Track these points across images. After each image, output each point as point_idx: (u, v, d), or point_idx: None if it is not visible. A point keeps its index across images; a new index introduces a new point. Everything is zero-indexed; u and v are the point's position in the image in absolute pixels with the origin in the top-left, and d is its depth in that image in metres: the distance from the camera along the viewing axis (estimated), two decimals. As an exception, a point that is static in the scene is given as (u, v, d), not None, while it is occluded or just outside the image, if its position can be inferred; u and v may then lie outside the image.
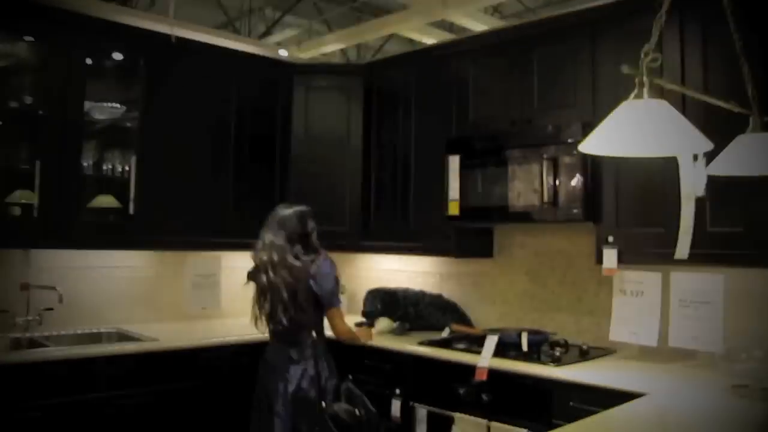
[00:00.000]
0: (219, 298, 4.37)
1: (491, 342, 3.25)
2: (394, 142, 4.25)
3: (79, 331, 3.82)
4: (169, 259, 4.26)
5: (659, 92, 1.84)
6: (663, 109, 1.74)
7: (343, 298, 3.84)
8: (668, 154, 1.72)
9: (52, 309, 3.68)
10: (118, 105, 3.92)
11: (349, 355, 3.74)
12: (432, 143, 4.01)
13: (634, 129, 1.75)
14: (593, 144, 1.83)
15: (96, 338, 3.86)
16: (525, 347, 3.23)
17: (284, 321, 3.21)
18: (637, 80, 1.79)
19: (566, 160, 3.27)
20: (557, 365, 3.04)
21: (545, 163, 3.32)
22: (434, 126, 4.02)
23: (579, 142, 3.26)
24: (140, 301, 4.16)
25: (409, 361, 3.58)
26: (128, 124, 3.94)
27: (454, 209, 3.74)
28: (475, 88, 3.82)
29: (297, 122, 4.47)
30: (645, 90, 1.77)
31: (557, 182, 3.29)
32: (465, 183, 3.71)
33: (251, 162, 4.29)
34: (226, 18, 4.90)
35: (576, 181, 3.23)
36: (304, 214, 3.37)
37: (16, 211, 3.63)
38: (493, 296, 4.10)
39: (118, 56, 3.97)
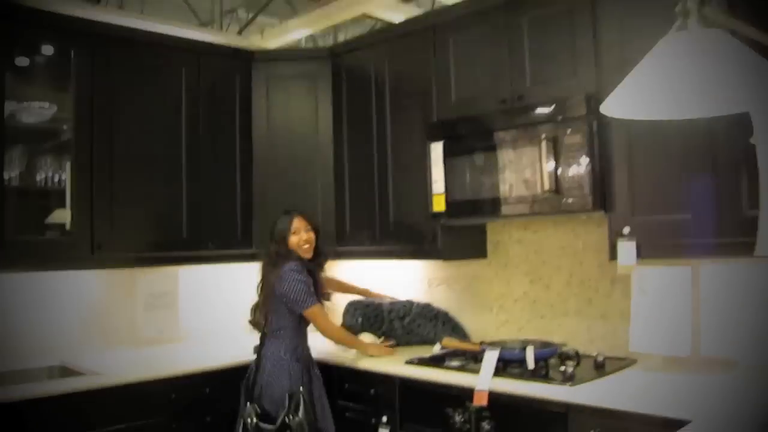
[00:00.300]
0: (177, 319, 3.85)
1: (491, 359, 2.74)
2: (368, 134, 3.74)
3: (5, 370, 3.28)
4: (120, 278, 3.73)
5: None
6: (723, 43, 1.23)
7: (329, 305, 3.38)
8: (738, 110, 1.23)
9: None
10: (46, 105, 3.38)
11: (327, 379, 3.24)
12: (411, 131, 3.51)
13: (681, 76, 1.24)
14: (620, 103, 1.32)
15: (35, 376, 3.32)
16: (531, 364, 2.72)
17: (262, 321, 3.20)
18: (679, 7, 1.28)
19: (568, 139, 2.77)
20: (571, 384, 2.53)
21: (544, 145, 2.81)
22: (413, 112, 3.51)
23: (582, 117, 2.84)
24: (88, 329, 3.62)
25: (396, 383, 3.07)
26: (63, 127, 3.40)
27: (439, 205, 3.24)
28: (456, 64, 3.31)
29: (258, 117, 3.96)
30: (692, 21, 1.27)
31: (559, 166, 2.79)
32: (450, 174, 3.20)
33: (208, 164, 3.77)
34: (198, 21, 4.43)
35: (581, 163, 2.73)
36: (277, 220, 3.26)
37: None
38: (490, 302, 3.59)
39: (48, 50, 3.44)
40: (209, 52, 3.85)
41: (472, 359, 3.01)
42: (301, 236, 3.21)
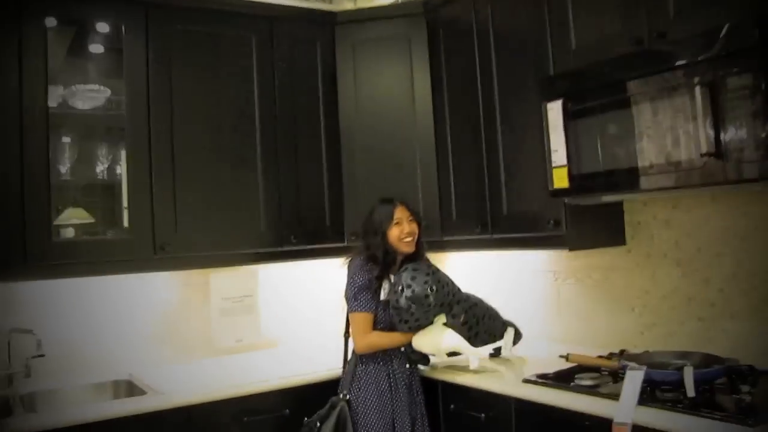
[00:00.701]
0: (258, 324, 3.39)
1: (634, 380, 2.06)
2: (473, 101, 3.10)
3: (70, 387, 2.94)
4: (191, 280, 3.31)
5: None
6: None
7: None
8: None
9: (42, 355, 2.82)
10: (99, 88, 3.00)
11: (429, 398, 2.70)
12: (523, 92, 2.86)
13: None
14: None
15: (99, 392, 2.97)
16: (690, 389, 2.00)
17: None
18: None
19: (734, 82, 2.02)
20: (753, 424, 1.81)
21: (698, 94, 2.08)
22: (524, 67, 2.85)
23: (753, 50, 2.07)
24: (159, 339, 3.23)
25: (511, 406, 2.46)
26: (119, 112, 3.00)
27: (561, 180, 2.56)
28: (576, 2, 2.62)
29: (345, 90, 3.42)
30: None
31: (721, 121, 2.05)
32: (573, 140, 2.52)
33: (287, 147, 3.28)
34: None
35: (753, 115, 1.98)
36: (373, 210, 2.84)
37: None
38: (630, 301, 2.88)
39: (103, 27, 3.05)
40: (284, 16, 3.32)
41: (609, 378, 2.33)
42: (403, 228, 2.75)
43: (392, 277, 2.72)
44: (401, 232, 2.74)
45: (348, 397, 2.67)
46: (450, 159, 3.26)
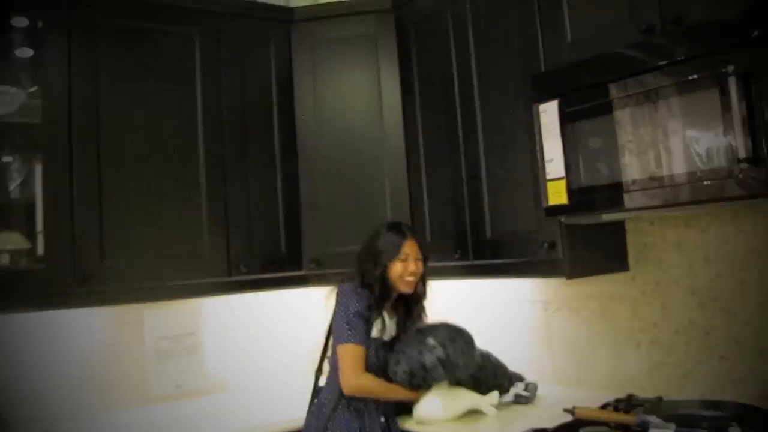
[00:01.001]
0: (203, 367, 2.91)
1: (660, 440, 1.65)
2: (450, 107, 2.71)
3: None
4: (128, 316, 2.83)
5: None
6: None
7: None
8: None
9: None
10: (13, 90, 2.54)
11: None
12: (509, 93, 2.46)
13: None
14: None
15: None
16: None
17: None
18: None
19: (776, 70, 1.65)
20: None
21: (733, 84, 1.70)
22: (510, 65, 2.46)
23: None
24: (84, 386, 2.73)
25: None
26: (33, 120, 2.53)
27: (557, 195, 2.15)
28: (571, -13, 2.25)
29: (302, 97, 3.01)
30: None
31: (762, 120, 1.67)
32: (572, 148, 2.12)
33: (235, 163, 2.84)
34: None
35: (801, 109, 1.61)
36: (378, 235, 2.48)
37: None
38: (634, 335, 2.48)
39: (20, 21, 2.60)
40: (233, 12, 2.90)
41: (624, 435, 1.92)
42: (408, 266, 2.40)
43: (385, 316, 2.38)
44: (404, 270, 2.39)
45: None
46: (423, 174, 2.86)
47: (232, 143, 2.83)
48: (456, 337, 2.33)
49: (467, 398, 2.33)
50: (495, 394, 2.37)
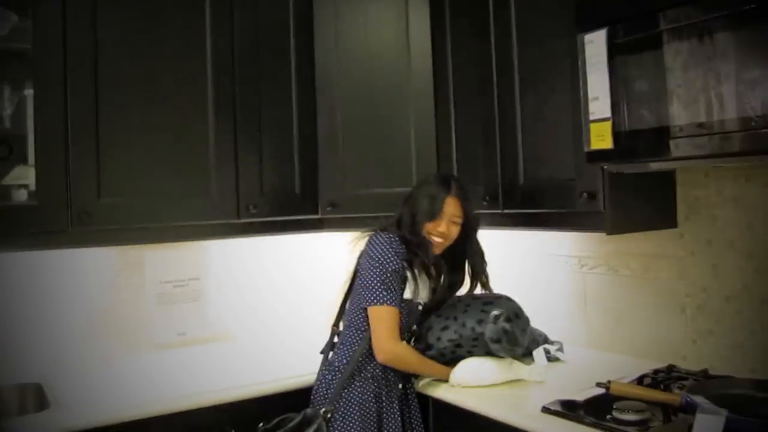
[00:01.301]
0: (206, 314, 2.74)
1: (710, 424, 1.42)
2: (484, 40, 2.42)
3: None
4: (128, 258, 2.66)
5: None
6: None
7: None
8: None
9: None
10: (4, 12, 2.31)
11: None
12: (550, 23, 2.18)
13: None
14: None
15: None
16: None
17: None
18: None
19: None
20: None
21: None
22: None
23: None
24: (80, 332, 2.58)
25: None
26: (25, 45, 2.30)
27: (601, 138, 1.88)
28: None
29: (322, 31, 2.74)
30: None
31: None
32: (621, 84, 1.84)
33: (248, 98, 2.59)
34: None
35: None
36: (427, 184, 2.27)
37: None
38: (679, 299, 2.23)
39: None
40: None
41: (659, 412, 1.68)
42: (440, 224, 2.17)
43: (419, 277, 2.18)
44: (434, 228, 2.17)
45: (330, 415, 2.04)
46: (452, 114, 2.59)
47: (244, 77, 2.58)
48: (520, 314, 2.16)
49: (514, 368, 2.12)
50: (541, 364, 2.15)
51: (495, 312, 2.10)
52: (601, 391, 1.81)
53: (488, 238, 2.65)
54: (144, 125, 2.39)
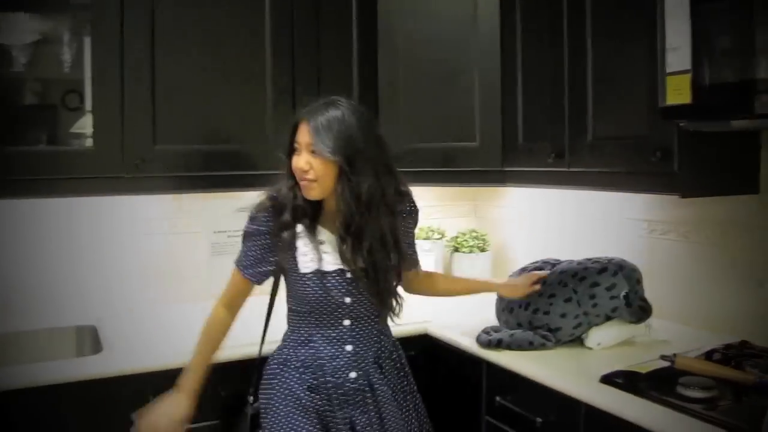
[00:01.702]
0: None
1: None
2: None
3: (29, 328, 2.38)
4: (187, 206, 2.66)
5: None
6: None
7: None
8: None
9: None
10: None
11: (469, 383, 2.03)
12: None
13: None
14: None
15: (59, 339, 2.38)
16: None
17: None
18: None
19: None
20: None
21: None
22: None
23: None
24: (137, 279, 2.61)
25: (581, 412, 1.72)
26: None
27: (679, 92, 1.72)
28: None
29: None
30: None
31: None
32: (703, 34, 1.67)
33: (307, 50, 2.53)
34: None
35: None
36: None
37: None
38: (756, 271, 2.07)
39: None
40: None
41: (728, 391, 1.56)
42: (298, 160, 1.72)
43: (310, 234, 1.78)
44: (296, 164, 1.72)
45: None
46: (519, 65, 2.44)
47: (303, 28, 2.52)
48: (639, 277, 2.09)
49: (625, 328, 2.08)
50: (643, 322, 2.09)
51: (623, 292, 2.02)
52: (666, 364, 1.69)
53: (551, 197, 2.52)
54: (200, 72, 2.35)
